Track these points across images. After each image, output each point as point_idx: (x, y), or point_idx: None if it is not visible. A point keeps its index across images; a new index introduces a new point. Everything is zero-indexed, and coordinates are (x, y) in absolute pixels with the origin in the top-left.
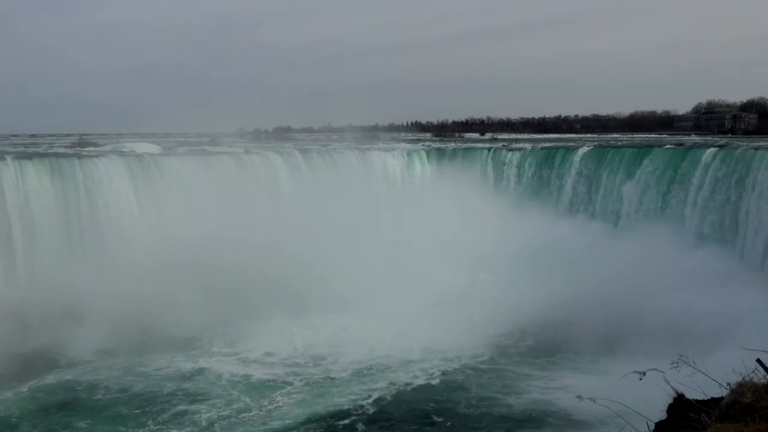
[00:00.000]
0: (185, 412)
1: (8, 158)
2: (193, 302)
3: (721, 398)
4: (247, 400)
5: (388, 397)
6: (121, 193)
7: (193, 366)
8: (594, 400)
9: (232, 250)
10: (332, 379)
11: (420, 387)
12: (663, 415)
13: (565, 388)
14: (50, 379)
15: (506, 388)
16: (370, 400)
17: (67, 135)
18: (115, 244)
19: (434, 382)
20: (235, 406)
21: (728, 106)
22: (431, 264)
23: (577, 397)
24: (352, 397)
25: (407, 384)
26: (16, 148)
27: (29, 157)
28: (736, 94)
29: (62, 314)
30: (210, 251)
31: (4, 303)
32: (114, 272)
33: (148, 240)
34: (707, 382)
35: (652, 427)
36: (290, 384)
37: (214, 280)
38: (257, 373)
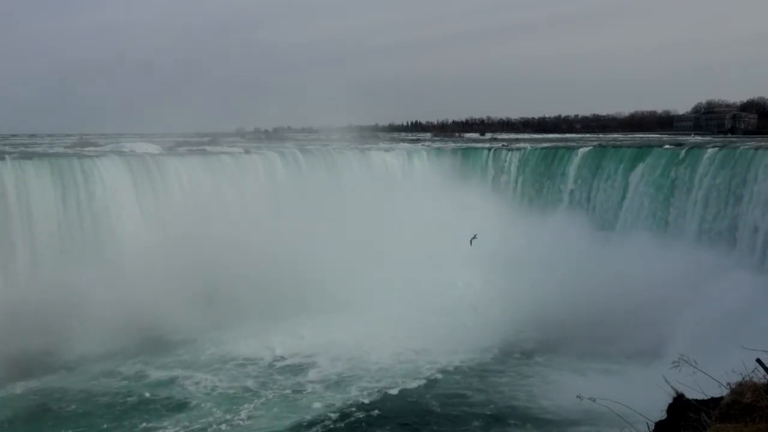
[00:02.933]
0: (156, 428)
1: (8, 158)
2: (191, 304)
3: (721, 398)
4: (220, 411)
5: (380, 401)
6: (121, 193)
7: (178, 374)
8: (594, 400)
9: (232, 251)
10: (320, 384)
11: (408, 392)
12: (663, 415)
13: (564, 389)
14: (32, 384)
15: (501, 390)
16: (357, 405)
17: (67, 135)
18: (114, 244)
19: (424, 385)
20: (206, 419)
21: (728, 106)
22: (430, 265)
23: (577, 397)
24: (339, 402)
25: (398, 388)
26: (16, 148)
27: (29, 157)
28: (736, 94)
29: (61, 315)
30: (210, 252)
31: (3, 303)
32: (113, 273)
33: (147, 240)
34: (707, 382)
35: (652, 427)
36: (267, 394)
37: (213, 281)
38: (238, 381)
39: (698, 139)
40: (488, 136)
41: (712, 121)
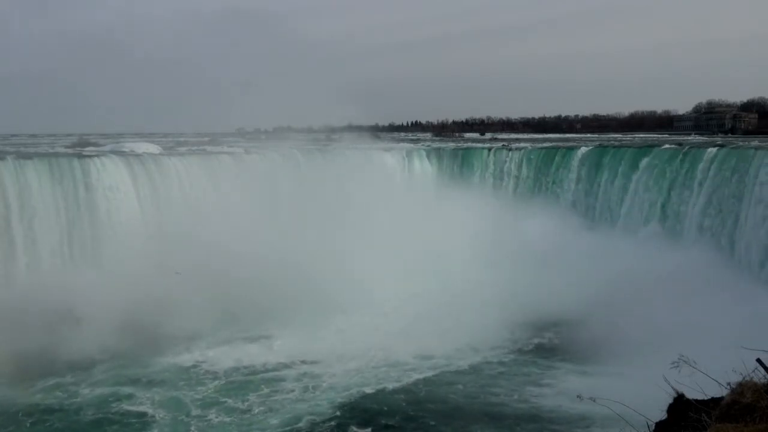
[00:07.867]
0: None
1: (8, 158)
2: (190, 306)
3: (721, 398)
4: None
5: (366, 405)
6: (120, 193)
7: (152, 387)
8: (594, 400)
9: (231, 252)
10: (312, 389)
11: (401, 394)
12: (663, 415)
13: (564, 389)
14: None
15: (497, 391)
16: (349, 407)
17: (67, 135)
18: (114, 245)
19: (416, 388)
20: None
21: (728, 106)
22: (429, 265)
23: (578, 396)
24: (329, 404)
25: (392, 390)
26: (16, 148)
27: (29, 157)
28: (736, 94)
29: (60, 316)
30: (209, 252)
31: (3, 303)
32: (113, 273)
33: (147, 241)
34: (707, 382)
35: (652, 427)
36: (246, 403)
37: (212, 282)
38: (214, 391)
39: (698, 139)
40: (488, 136)
41: (712, 121)
